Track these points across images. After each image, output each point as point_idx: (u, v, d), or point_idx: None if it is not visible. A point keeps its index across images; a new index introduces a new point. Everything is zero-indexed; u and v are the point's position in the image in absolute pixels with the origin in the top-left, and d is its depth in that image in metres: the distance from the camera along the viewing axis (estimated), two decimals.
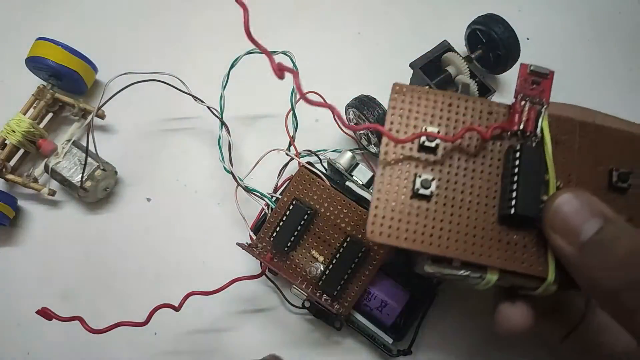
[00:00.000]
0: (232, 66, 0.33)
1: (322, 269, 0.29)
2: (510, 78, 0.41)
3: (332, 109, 0.22)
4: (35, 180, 0.37)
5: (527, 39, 0.42)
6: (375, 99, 0.34)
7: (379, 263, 0.30)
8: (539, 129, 0.24)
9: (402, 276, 0.31)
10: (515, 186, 0.23)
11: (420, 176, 0.23)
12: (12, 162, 0.38)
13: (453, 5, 0.44)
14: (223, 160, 0.33)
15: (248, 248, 0.30)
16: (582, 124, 0.25)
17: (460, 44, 0.40)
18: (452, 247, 0.23)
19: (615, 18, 0.45)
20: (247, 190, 0.32)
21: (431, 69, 0.37)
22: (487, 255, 0.23)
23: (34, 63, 0.37)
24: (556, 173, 0.24)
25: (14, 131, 0.36)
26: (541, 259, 0.23)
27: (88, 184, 0.35)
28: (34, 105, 0.38)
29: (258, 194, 0.32)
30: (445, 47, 0.38)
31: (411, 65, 0.37)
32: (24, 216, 0.38)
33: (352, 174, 0.32)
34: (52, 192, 0.37)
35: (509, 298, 0.24)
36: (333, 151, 0.36)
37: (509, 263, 0.23)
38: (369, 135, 0.36)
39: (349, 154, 0.32)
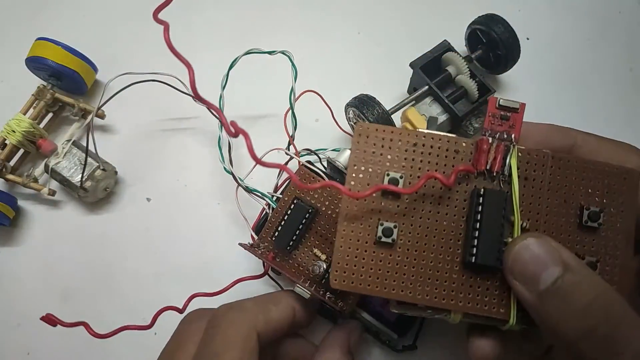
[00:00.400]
0: (231, 66, 0.33)
1: (324, 267, 0.29)
2: (510, 78, 0.41)
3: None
4: (35, 180, 0.37)
5: (527, 39, 0.42)
6: (374, 98, 0.34)
7: None
8: (507, 168, 0.23)
9: None
10: (477, 233, 0.23)
11: (382, 224, 0.23)
12: (12, 162, 0.37)
13: (453, 5, 0.44)
14: (223, 160, 0.33)
15: (250, 248, 0.30)
16: (554, 158, 0.24)
17: (460, 44, 0.40)
18: (415, 292, 0.23)
19: (615, 18, 0.45)
20: (248, 190, 0.32)
21: (431, 68, 0.37)
22: (450, 300, 0.23)
23: (34, 63, 0.37)
24: (523, 213, 0.23)
25: (14, 131, 0.36)
26: (504, 301, 0.23)
27: (88, 184, 0.35)
28: (34, 105, 0.38)
29: (259, 194, 0.32)
30: (446, 47, 0.38)
31: (411, 64, 0.37)
32: (24, 216, 0.38)
33: None
34: (52, 192, 0.37)
35: (479, 330, 0.25)
36: (332, 150, 0.36)
37: (471, 307, 0.23)
38: None
39: (348, 152, 0.32)
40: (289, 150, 0.33)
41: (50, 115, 0.39)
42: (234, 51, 0.34)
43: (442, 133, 0.24)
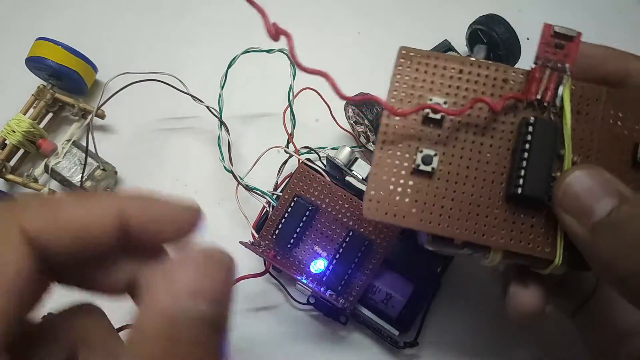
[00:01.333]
0: (229, 65, 0.33)
1: (325, 264, 0.29)
2: None
3: (326, 76, 0.21)
4: (35, 180, 0.37)
5: (527, 39, 0.42)
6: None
7: (382, 256, 0.30)
8: (558, 99, 0.22)
9: (406, 268, 0.31)
10: (524, 163, 0.21)
11: (422, 151, 0.21)
12: (12, 162, 0.37)
13: (454, 5, 0.44)
14: (223, 159, 0.33)
15: (251, 246, 0.30)
16: (609, 93, 0.23)
17: (461, 44, 0.40)
18: (453, 226, 0.21)
19: (615, 18, 0.45)
20: (248, 188, 0.32)
21: None
22: (490, 236, 0.21)
23: (34, 63, 0.37)
24: (574, 147, 0.22)
25: (14, 131, 0.36)
26: (549, 239, 0.21)
27: (88, 184, 0.35)
28: (34, 105, 0.38)
29: (259, 192, 0.32)
30: (446, 47, 0.38)
31: None
32: None
33: (352, 168, 0.32)
34: (52, 192, 0.37)
35: (518, 279, 0.23)
36: (332, 148, 0.36)
37: (513, 244, 0.21)
38: (368, 133, 0.36)
39: (347, 149, 0.32)
40: (288, 148, 0.33)
41: (50, 115, 0.39)
42: (232, 50, 0.34)
43: (490, 61, 0.23)
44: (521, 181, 0.21)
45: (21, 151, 0.38)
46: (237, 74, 0.33)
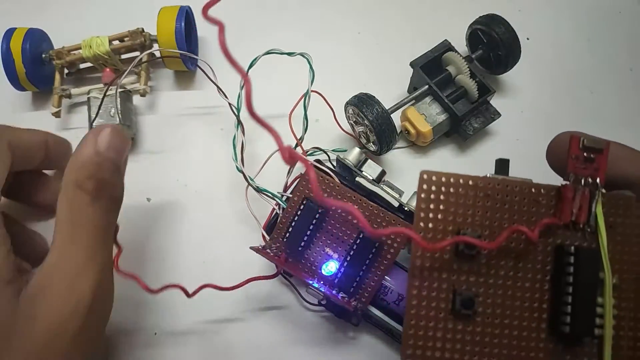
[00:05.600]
0: (250, 65, 0.33)
1: (337, 266, 0.29)
2: (510, 78, 0.41)
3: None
4: (68, 96, 0.38)
5: (527, 39, 0.43)
6: (374, 97, 0.34)
7: (393, 257, 0.29)
8: (592, 217, 0.21)
9: None
10: (569, 299, 0.20)
11: (460, 294, 0.20)
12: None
13: (454, 5, 0.45)
14: (236, 159, 0.32)
15: (263, 252, 0.29)
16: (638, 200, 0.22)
17: (461, 44, 0.40)
18: None
19: (615, 18, 0.45)
20: (258, 190, 0.32)
21: (431, 68, 0.38)
22: None
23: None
24: (611, 267, 0.20)
25: (90, 46, 0.37)
26: None
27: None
28: (125, 39, 0.38)
29: (269, 194, 0.32)
30: (446, 47, 0.38)
31: (411, 64, 0.38)
32: None
33: (362, 169, 0.32)
34: (58, 114, 0.38)
35: None
36: (334, 149, 0.36)
37: None
38: (368, 133, 0.36)
39: (357, 150, 0.32)
40: (296, 149, 0.33)
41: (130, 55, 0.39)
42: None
43: (516, 178, 0.22)
44: (568, 319, 0.20)
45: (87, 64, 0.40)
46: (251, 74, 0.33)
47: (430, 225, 0.21)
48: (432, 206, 0.21)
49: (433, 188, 0.21)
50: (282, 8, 0.44)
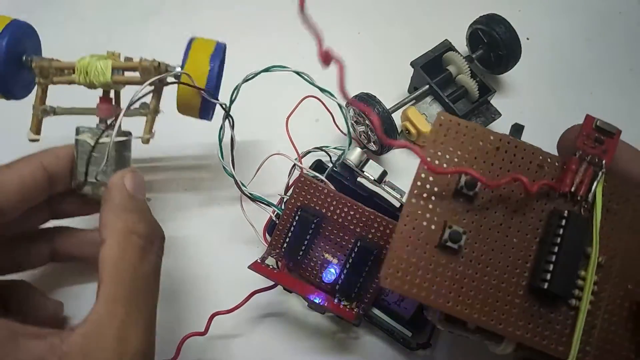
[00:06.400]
0: (246, 80, 0.31)
1: (337, 271, 0.29)
2: (510, 78, 0.41)
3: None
4: (48, 112, 0.29)
5: (527, 39, 0.43)
6: (375, 96, 0.34)
7: None
8: (591, 194, 0.22)
9: None
10: (553, 258, 0.21)
11: (451, 227, 0.21)
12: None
13: (454, 5, 0.45)
14: (222, 158, 0.31)
15: (262, 270, 0.29)
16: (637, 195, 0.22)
17: (461, 44, 0.40)
18: (471, 310, 0.21)
19: (615, 18, 0.45)
20: (252, 199, 0.31)
21: (432, 68, 0.38)
22: (507, 326, 0.21)
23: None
24: (601, 247, 0.21)
25: (87, 73, 0.28)
26: (564, 339, 0.21)
27: (87, 189, 0.29)
28: (134, 70, 0.29)
29: (264, 202, 0.31)
30: (447, 47, 0.38)
31: (412, 64, 0.38)
32: None
33: (363, 169, 0.32)
34: (35, 138, 0.29)
35: None
36: (335, 147, 0.35)
37: (528, 338, 0.21)
38: (369, 133, 0.36)
39: (358, 150, 0.32)
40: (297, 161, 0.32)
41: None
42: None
43: (527, 143, 0.23)
44: (548, 276, 0.21)
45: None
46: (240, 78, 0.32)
47: (438, 154, 0.22)
48: (442, 142, 0.22)
49: (447, 128, 0.22)
50: (281, 8, 0.44)
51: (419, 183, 0.21)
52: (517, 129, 0.25)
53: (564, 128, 0.28)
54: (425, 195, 0.21)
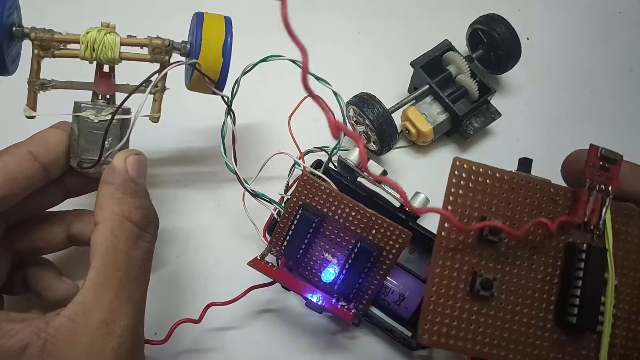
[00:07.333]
0: (245, 72, 0.31)
1: (336, 271, 0.29)
2: (510, 78, 0.41)
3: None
4: (43, 86, 0.28)
5: (527, 39, 0.43)
6: (375, 96, 0.34)
7: (393, 260, 0.29)
8: (601, 221, 0.23)
9: (418, 269, 0.31)
10: (578, 292, 0.22)
11: (481, 275, 0.22)
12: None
13: (454, 5, 0.45)
14: (225, 154, 0.31)
15: (262, 267, 0.29)
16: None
17: (461, 44, 0.40)
18: (507, 351, 0.22)
19: (615, 18, 0.45)
20: (254, 195, 0.31)
21: (432, 68, 0.38)
22: None
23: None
24: (615, 271, 0.22)
25: (93, 49, 0.27)
26: None
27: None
28: (143, 47, 0.28)
29: (266, 199, 0.31)
30: (446, 47, 0.38)
31: (412, 64, 0.38)
32: None
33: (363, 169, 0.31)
34: (32, 115, 0.28)
35: None
36: (335, 147, 0.35)
37: None
38: (369, 133, 0.36)
39: (358, 150, 0.32)
40: (298, 160, 0.32)
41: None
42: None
43: (538, 177, 0.23)
44: (576, 310, 0.22)
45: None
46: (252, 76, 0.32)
47: (458, 209, 0.22)
48: (461, 192, 0.22)
49: (464, 175, 0.22)
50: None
51: (443, 239, 0.22)
52: (525, 164, 0.25)
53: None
54: (451, 246, 0.22)
